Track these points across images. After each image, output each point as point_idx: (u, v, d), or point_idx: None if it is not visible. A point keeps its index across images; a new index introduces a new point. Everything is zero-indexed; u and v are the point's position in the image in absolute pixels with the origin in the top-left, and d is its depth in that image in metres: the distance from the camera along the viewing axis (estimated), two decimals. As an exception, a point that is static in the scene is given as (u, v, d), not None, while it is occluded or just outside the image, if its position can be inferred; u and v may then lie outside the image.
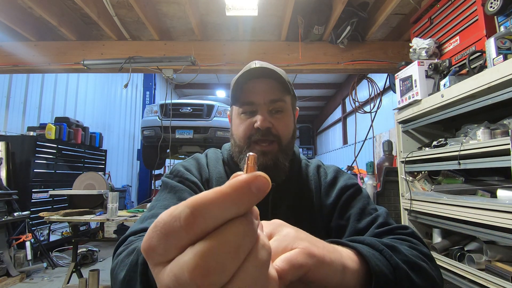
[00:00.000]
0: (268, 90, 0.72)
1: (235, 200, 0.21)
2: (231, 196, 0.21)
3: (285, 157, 0.73)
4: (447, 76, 1.87)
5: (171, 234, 0.20)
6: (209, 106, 4.57)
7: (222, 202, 0.20)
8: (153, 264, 0.22)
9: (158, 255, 0.21)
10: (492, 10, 1.64)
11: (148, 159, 5.03)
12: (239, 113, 0.74)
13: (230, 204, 0.20)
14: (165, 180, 0.72)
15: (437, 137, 2.09)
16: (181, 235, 0.20)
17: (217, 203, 0.20)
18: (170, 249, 0.21)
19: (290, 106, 0.76)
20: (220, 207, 0.20)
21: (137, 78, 8.18)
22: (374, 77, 4.22)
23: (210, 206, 0.20)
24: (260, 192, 0.21)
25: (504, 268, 1.43)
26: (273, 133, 0.71)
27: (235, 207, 0.21)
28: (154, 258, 0.21)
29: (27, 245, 3.51)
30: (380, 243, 0.44)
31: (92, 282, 2.42)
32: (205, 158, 0.81)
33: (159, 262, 0.21)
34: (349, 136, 9.45)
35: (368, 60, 3.22)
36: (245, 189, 0.21)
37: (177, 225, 0.20)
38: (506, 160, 1.35)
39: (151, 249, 0.21)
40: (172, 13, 2.92)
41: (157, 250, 0.21)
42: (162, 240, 0.21)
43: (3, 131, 4.21)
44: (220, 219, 0.20)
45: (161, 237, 0.21)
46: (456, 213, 1.65)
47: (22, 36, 3.10)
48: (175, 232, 0.20)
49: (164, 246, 0.21)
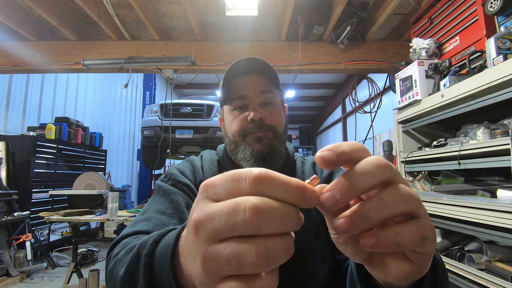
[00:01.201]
0: (257, 83, 0.74)
1: (293, 191, 0.23)
2: (293, 186, 0.23)
3: (281, 143, 0.75)
4: (447, 76, 1.87)
5: (236, 180, 0.23)
6: (209, 106, 4.57)
7: (284, 185, 0.23)
8: (204, 197, 0.24)
9: (214, 191, 0.24)
10: (492, 10, 1.64)
11: (148, 159, 5.03)
12: (231, 110, 0.76)
13: (289, 192, 0.23)
14: (159, 184, 0.73)
15: (437, 137, 2.09)
16: (243, 184, 0.23)
17: (281, 183, 0.23)
18: (227, 189, 0.23)
19: (279, 99, 0.78)
20: (281, 187, 0.23)
21: (137, 78, 8.18)
22: (374, 77, 4.22)
23: (276, 182, 0.23)
24: (309, 202, 0.24)
25: (504, 268, 1.43)
26: (267, 124, 0.73)
27: (291, 195, 0.23)
28: (209, 192, 0.24)
29: (27, 245, 3.52)
30: None
31: (92, 282, 2.42)
32: (200, 160, 0.81)
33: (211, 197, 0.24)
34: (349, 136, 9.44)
35: (368, 60, 3.22)
36: (302, 190, 0.23)
37: (246, 176, 0.23)
38: (506, 160, 1.35)
39: (211, 184, 0.24)
40: (172, 13, 2.92)
41: (216, 186, 0.24)
42: (225, 181, 0.23)
43: (3, 131, 4.21)
44: (274, 195, 0.23)
45: (226, 178, 0.23)
46: (456, 213, 1.65)
47: (22, 36, 3.10)
48: (241, 179, 0.23)
49: (224, 185, 0.23)
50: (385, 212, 0.24)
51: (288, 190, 0.23)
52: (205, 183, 0.24)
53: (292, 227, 0.23)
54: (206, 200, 0.24)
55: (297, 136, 13.81)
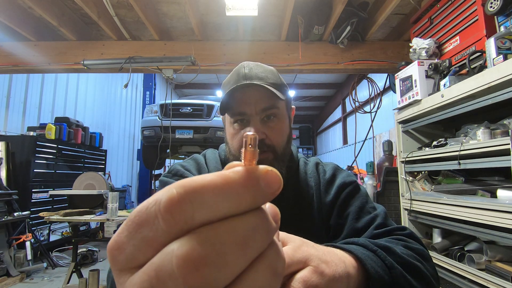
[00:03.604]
0: (259, 98, 0.68)
1: (239, 192, 0.16)
2: (238, 185, 0.16)
3: (281, 164, 0.71)
4: (447, 76, 1.87)
5: (145, 224, 0.15)
6: (209, 106, 4.57)
7: (223, 191, 0.16)
8: (117, 269, 0.16)
9: (126, 256, 0.16)
10: (492, 10, 1.64)
11: (148, 159, 5.03)
12: (232, 122, 0.73)
13: (232, 195, 0.16)
14: (163, 180, 0.71)
15: (437, 137, 2.09)
16: (158, 226, 0.15)
17: (217, 190, 0.16)
18: (141, 248, 0.15)
19: (284, 110, 0.74)
20: (219, 195, 0.16)
21: (137, 78, 8.18)
22: (374, 77, 4.22)
23: (206, 191, 0.15)
24: (270, 193, 0.18)
25: (504, 268, 1.43)
26: (267, 144, 0.69)
27: (236, 201, 0.16)
28: (120, 261, 0.16)
29: (27, 245, 3.51)
30: (374, 244, 0.44)
31: (92, 282, 2.42)
32: (204, 158, 0.80)
33: (125, 267, 0.16)
34: (349, 136, 9.44)
35: (368, 60, 3.22)
36: (254, 181, 0.17)
37: (155, 211, 0.15)
38: (506, 160, 1.35)
39: (116, 247, 0.16)
40: (172, 13, 2.92)
41: (125, 248, 0.16)
42: (133, 234, 0.16)
43: (3, 131, 4.21)
44: (213, 211, 0.15)
45: (132, 229, 0.16)
46: (456, 213, 1.65)
47: (22, 36, 3.10)
48: (150, 220, 0.15)
49: (135, 242, 0.16)
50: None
51: (228, 193, 0.16)
52: (109, 247, 0.16)
53: (262, 243, 0.17)
54: (121, 274, 0.16)
55: (297, 136, 13.82)
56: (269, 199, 0.18)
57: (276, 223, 0.18)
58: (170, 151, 4.28)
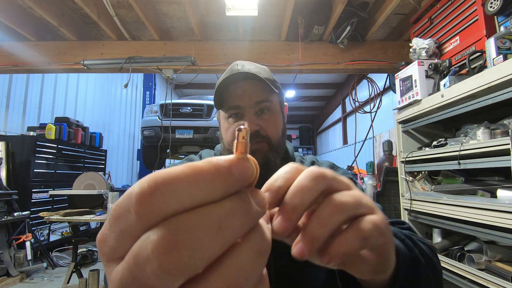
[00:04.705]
0: (253, 92, 0.71)
1: (210, 181, 0.17)
2: (208, 174, 0.17)
3: (276, 155, 0.72)
4: (447, 76, 1.87)
5: (121, 217, 0.16)
6: (209, 106, 4.57)
7: (193, 181, 0.16)
8: (105, 260, 0.18)
9: (109, 247, 0.17)
10: (492, 10, 1.64)
11: (148, 159, 5.03)
12: (226, 117, 0.74)
13: (203, 184, 0.16)
14: None
15: (437, 137, 2.09)
16: (132, 218, 0.16)
17: (187, 181, 0.16)
18: (121, 239, 0.16)
19: (277, 104, 0.75)
20: (189, 186, 0.16)
21: (137, 78, 8.18)
22: (374, 77, 4.22)
23: (177, 182, 0.16)
24: (242, 179, 0.18)
25: (504, 268, 1.43)
26: (262, 135, 0.71)
27: (208, 189, 0.17)
28: (105, 252, 0.17)
29: (27, 245, 3.51)
30: (400, 232, 0.44)
31: (92, 282, 2.42)
32: (199, 159, 0.80)
33: (110, 258, 0.17)
34: (349, 136, 9.45)
35: (368, 60, 3.22)
36: (224, 169, 0.17)
37: (127, 205, 0.16)
38: (506, 160, 1.35)
39: (102, 239, 0.17)
40: (172, 13, 2.92)
41: (108, 241, 0.17)
42: (113, 227, 0.17)
43: (3, 131, 4.21)
44: (184, 202, 0.16)
45: (112, 222, 0.17)
46: (456, 213, 1.65)
47: (22, 36, 3.10)
48: (124, 214, 0.16)
49: (115, 235, 0.17)
50: (328, 227, 0.24)
51: (198, 183, 0.17)
52: (97, 240, 0.18)
53: (241, 225, 0.17)
54: (108, 265, 0.17)
55: (297, 136, 13.82)
56: (243, 185, 0.18)
57: (261, 207, 0.19)
58: (170, 151, 4.28)
